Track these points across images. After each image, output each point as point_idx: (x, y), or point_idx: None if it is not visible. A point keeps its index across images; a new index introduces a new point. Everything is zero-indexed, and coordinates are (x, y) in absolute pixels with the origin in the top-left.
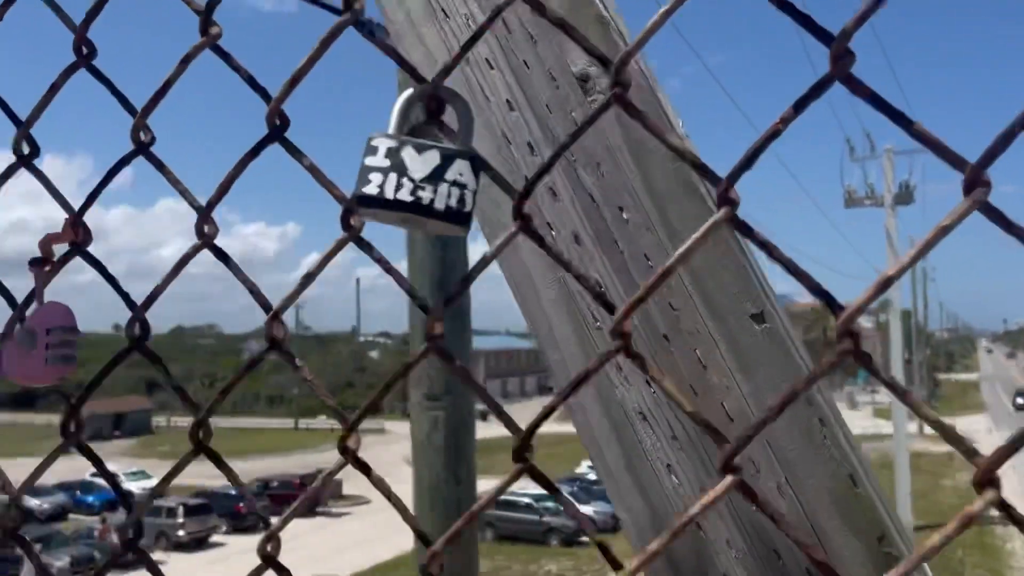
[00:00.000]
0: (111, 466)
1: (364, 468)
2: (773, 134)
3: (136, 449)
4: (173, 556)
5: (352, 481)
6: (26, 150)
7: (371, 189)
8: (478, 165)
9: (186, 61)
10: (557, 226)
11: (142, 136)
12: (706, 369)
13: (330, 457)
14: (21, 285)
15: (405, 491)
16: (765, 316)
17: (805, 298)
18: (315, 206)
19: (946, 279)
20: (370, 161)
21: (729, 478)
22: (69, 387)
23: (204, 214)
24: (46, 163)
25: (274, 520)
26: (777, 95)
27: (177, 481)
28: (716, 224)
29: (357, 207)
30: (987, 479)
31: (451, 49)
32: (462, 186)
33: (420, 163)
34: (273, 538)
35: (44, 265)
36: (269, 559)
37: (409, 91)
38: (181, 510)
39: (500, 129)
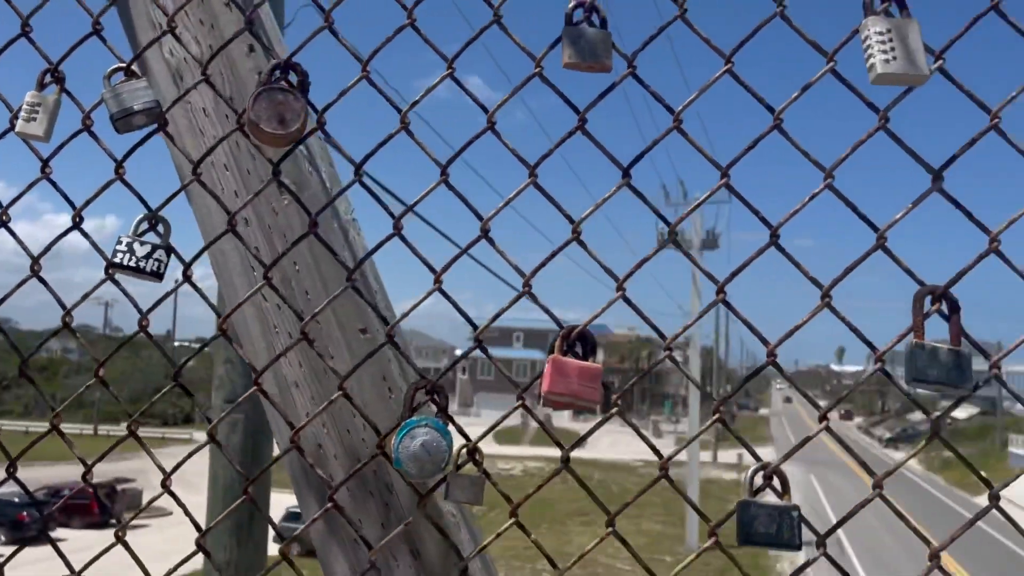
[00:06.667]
0: None
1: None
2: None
3: None
4: None
5: (153, 492)
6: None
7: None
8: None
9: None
10: (267, 263)
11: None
12: (333, 359)
13: (131, 466)
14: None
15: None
16: (368, 330)
17: (621, 329)
18: (135, 200)
19: (749, 316)
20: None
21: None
22: None
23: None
24: None
25: (61, 532)
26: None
27: None
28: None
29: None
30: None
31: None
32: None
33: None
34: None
35: None
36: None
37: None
38: None
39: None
